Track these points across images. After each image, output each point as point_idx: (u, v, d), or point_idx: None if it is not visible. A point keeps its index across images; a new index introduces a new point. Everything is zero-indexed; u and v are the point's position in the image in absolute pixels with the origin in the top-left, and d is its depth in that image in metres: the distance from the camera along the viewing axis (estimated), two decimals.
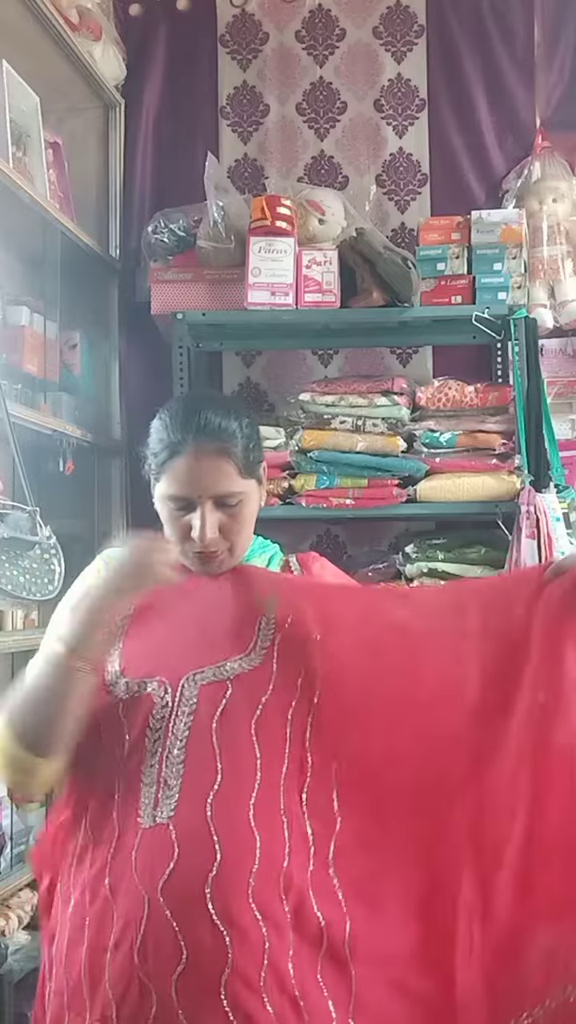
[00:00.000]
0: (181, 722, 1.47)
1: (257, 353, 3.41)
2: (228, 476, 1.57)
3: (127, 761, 1.47)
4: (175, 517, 1.59)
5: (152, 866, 1.40)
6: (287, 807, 1.45)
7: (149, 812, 1.43)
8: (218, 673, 1.51)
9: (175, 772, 1.45)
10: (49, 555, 2.41)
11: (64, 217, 3.00)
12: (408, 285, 2.91)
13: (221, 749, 1.45)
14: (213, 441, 1.57)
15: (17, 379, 2.74)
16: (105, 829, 1.47)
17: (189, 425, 1.57)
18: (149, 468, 1.64)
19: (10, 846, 2.51)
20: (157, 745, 1.47)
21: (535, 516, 2.75)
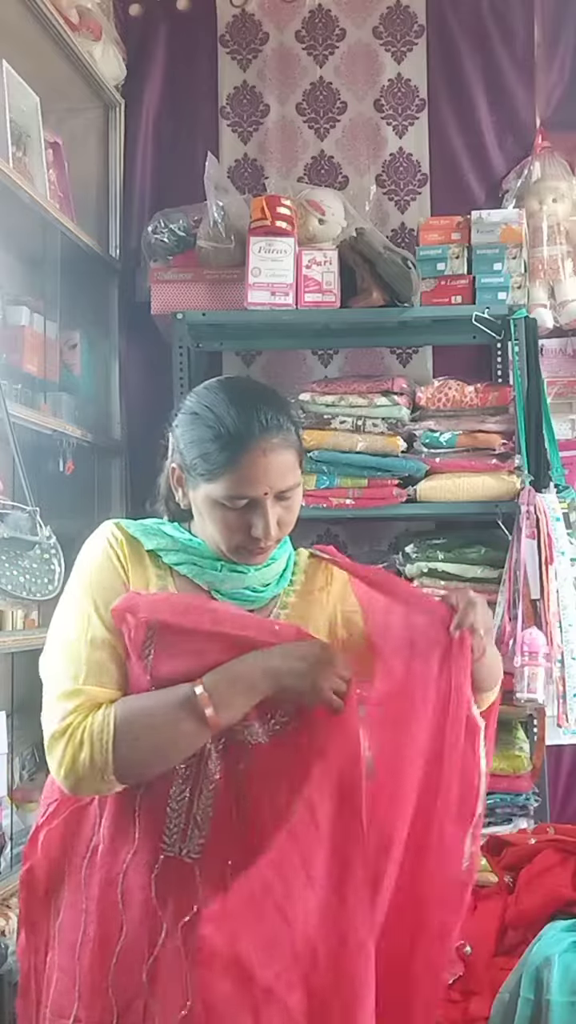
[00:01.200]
0: (212, 763, 1.44)
1: (257, 353, 3.41)
2: (292, 469, 1.50)
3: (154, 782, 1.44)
4: (232, 518, 1.48)
5: (173, 898, 1.42)
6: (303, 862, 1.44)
7: (176, 842, 1.43)
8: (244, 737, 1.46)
9: (204, 814, 1.44)
10: (49, 555, 2.41)
11: (64, 217, 3.00)
12: (408, 285, 2.91)
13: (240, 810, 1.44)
14: (277, 435, 1.47)
15: (17, 379, 2.74)
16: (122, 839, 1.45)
17: (251, 420, 1.47)
18: (186, 470, 1.52)
19: (10, 846, 2.50)
20: (189, 772, 1.44)
21: (535, 516, 2.75)
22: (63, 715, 1.42)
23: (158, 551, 1.54)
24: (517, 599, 2.73)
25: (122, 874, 1.44)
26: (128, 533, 1.56)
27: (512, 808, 2.84)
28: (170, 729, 1.41)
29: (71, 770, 1.40)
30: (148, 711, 1.42)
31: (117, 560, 1.52)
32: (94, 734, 1.39)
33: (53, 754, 1.42)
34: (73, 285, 3.08)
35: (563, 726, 2.74)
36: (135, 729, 1.40)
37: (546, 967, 1.96)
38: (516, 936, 2.26)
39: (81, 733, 1.40)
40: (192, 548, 1.55)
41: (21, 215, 2.78)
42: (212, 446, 1.47)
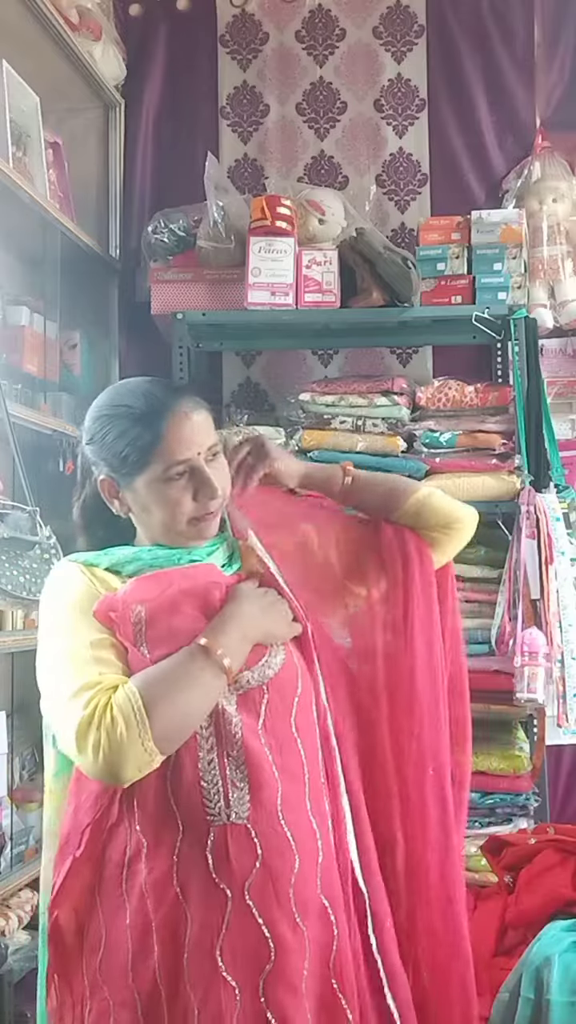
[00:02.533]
0: (233, 724, 1.46)
1: (257, 353, 3.41)
2: (212, 428, 1.58)
3: (179, 757, 1.44)
4: (176, 493, 1.53)
5: (234, 865, 1.42)
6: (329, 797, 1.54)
7: (221, 810, 1.43)
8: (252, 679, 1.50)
9: (241, 773, 1.45)
10: (49, 555, 2.41)
11: (64, 217, 3.00)
12: (408, 285, 2.91)
13: (272, 752, 1.48)
14: (188, 399, 1.57)
15: (17, 379, 2.74)
16: (165, 829, 1.44)
17: (161, 395, 1.56)
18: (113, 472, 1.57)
19: (10, 846, 2.51)
20: (211, 742, 1.46)
21: (535, 516, 2.75)
22: (84, 704, 1.39)
23: (113, 566, 1.57)
24: (517, 599, 2.73)
25: (175, 865, 1.43)
26: (82, 562, 1.59)
27: (512, 808, 2.84)
28: (192, 683, 1.43)
29: (112, 749, 1.37)
30: (165, 674, 1.43)
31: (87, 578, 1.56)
32: (123, 706, 1.38)
33: (86, 744, 1.38)
34: (73, 285, 3.09)
35: (563, 726, 2.74)
36: (160, 691, 1.41)
37: (546, 967, 1.96)
38: (516, 936, 2.26)
39: (110, 711, 1.38)
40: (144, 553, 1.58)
41: (21, 215, 2.78)
42: (135, 430, 1.53)
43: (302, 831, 1.47)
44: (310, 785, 1.51)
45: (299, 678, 1.55)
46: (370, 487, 1.77)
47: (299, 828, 1.47)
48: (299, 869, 1.45)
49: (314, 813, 1.50)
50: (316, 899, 1.47)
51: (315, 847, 1.49)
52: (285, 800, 1.46)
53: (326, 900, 1.48)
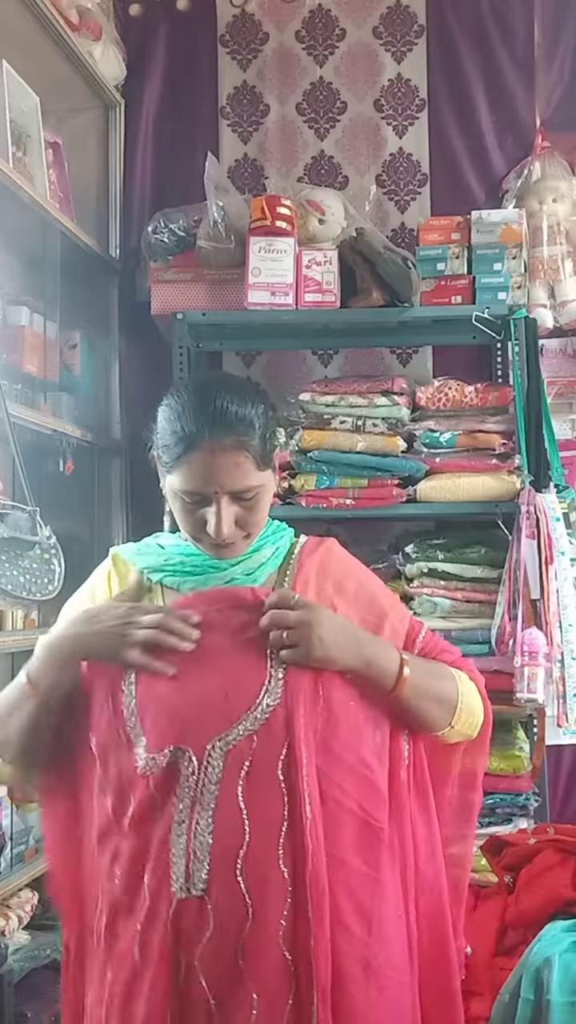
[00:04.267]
0: (208, 791, 1.43)
1: (257, 353, 3.41)
2: (245, 471, 1.48)
3: (159, 831, 1.44)
4: (189, 510, 1.51)
5: (189, 936, 1.41)
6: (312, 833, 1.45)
7: (182, 884, 1.42)
8: (244, 729, 1.45)
9: (203, 844, 1.42)
10: (49, 555, 2.42)
11: (64, 217, 3.00)
12: (408, 285, 2.91)
13: (248, 808, 1.43)
14: (230, 434, 1.47)
15: (17, 379, 2.74)
16: (136, 899, 1.44)
17: (204, 416, 1.47)
18: (158, 459, 1.55)
19: (10, 846, 2.51)
20: (184, 815, 1.43)
21: (535, 516, 2.75)
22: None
23: (145, 570, 1.59)
24: (517, 599, 2.73)
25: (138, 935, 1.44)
26: (121, 559, 1.63)
27: (512, 808, 2.84)
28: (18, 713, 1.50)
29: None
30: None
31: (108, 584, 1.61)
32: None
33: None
34: (73, 285, 3.09)
35: (563, 726, 2.74)
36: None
37: (546, 967, 1.96)
38: (516, 936, 2.26)
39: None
40: (179, 555, 1.58)
41: (21, 215, 2.78)
42: (170, 439, 1.50)
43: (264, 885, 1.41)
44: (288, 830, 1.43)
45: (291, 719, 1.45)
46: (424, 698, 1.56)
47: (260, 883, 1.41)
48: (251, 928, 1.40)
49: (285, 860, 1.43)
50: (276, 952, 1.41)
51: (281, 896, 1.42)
52: (250, 857, 1.41)
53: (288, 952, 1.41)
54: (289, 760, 1.44)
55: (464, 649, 2.85)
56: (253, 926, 1.40)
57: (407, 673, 1.51)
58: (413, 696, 1.52)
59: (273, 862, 1.42)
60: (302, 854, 1.42)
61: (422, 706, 1.54)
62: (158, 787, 1.44)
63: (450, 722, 1.57)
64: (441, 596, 2.90)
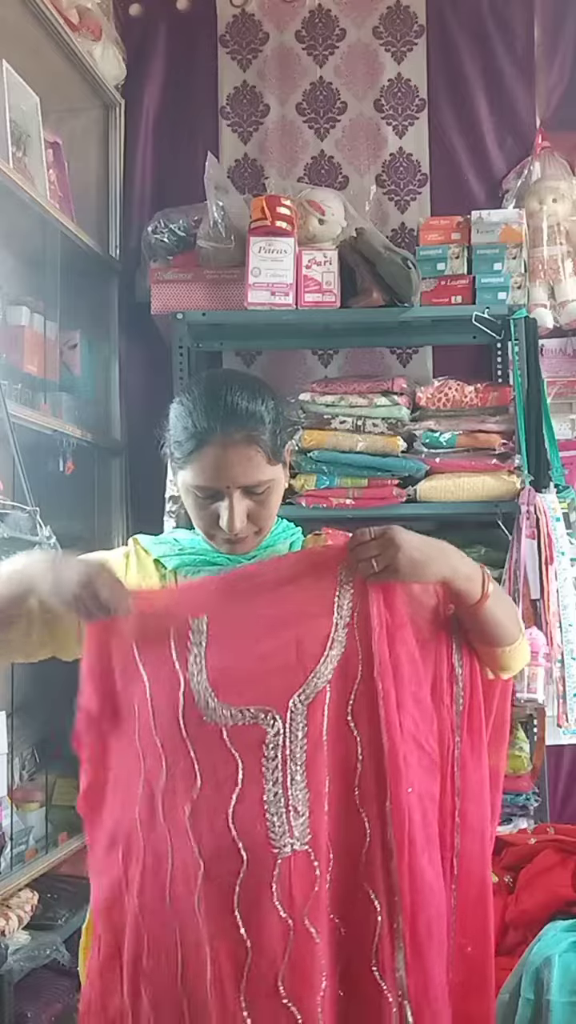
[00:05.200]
0: (297, 747, 1.47)
1: (257, 353, 3.41)
2: (257, 466, 1.52)
3: (244, 791, 1.45)
4: (202, 505, 1.54)
5: (296, 893, 1.43)
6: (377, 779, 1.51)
7: (286, 841, 1.44)
8: (317, 684, 1.49)
9: (302, 798, 1.46)
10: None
11: (64, 217, 3.00)
12: (408, 285, 2.91)
13: (331, 756, 1.49)
14: (241, 429, 1.50)
15: (17, 379, 2.73)
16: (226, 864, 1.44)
17: (215, 413, 1.50)
18: (170, 455, 1.58)
19: (10, 846, 2.51)
20: (276, 772, 1.46)
21: (535, 516, 2.75)
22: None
23: (161, 558, 1.62)
24: (517, 599, 2.72)
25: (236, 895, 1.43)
26: (141, 546, 1.66)
27: (512, 808, 2.84)
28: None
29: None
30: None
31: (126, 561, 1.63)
32: None
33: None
34: (73, 285, 3.08)
35: (563, 726, 2.74)
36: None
37: (546, 967, 1.97)
38: (516, 936, 2.26)
39: None
40: (193, 547, 1.62)
41: (21, 215, 2.78)
42: (182, 435, 1.53)
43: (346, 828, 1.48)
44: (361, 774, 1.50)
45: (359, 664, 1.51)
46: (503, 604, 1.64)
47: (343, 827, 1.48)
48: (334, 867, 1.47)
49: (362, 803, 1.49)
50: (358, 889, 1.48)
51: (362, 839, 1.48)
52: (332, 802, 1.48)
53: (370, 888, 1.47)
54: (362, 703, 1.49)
55: None
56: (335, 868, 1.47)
57: (490, 578, 1.58)
58: (496, 602, 1.58)
59: (353, 807, 1.48)
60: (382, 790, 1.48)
61: (501, 614, 1.60)
62: (238, 747, 1.46)
63: (519, 632, 1.64)
64: None
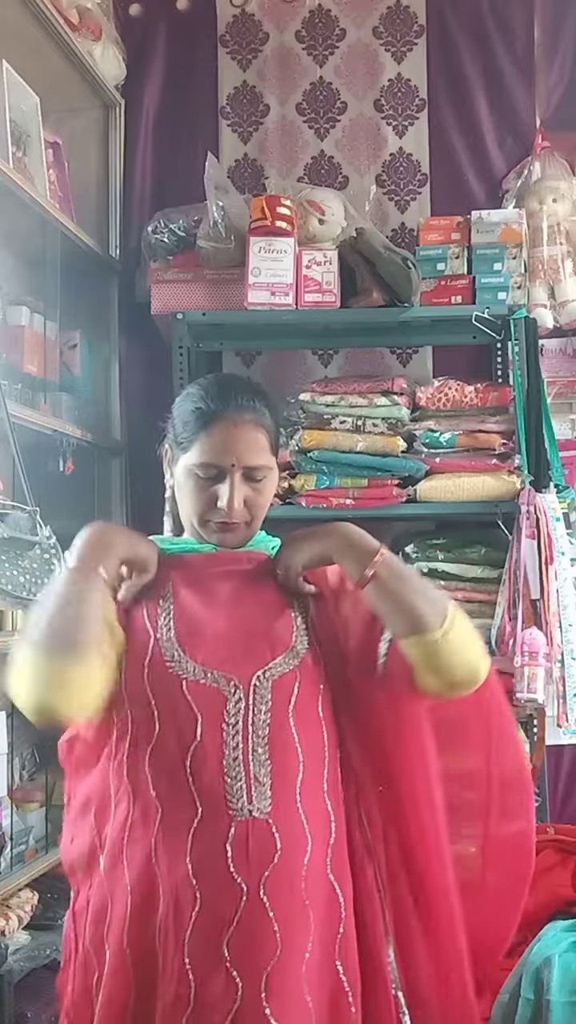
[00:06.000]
0: (260, 719, 1.50)
1: (257, 353, 3.41)
2: (262, 448, 1.60)
3: (202, 750, 1.48)
4: (201, 487, 1.58)
5: (253, 860, 1.45)
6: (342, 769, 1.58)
7: (243, 806, 1.46)
8: (286, 664, 1.54)
9: (264, 769, 1.48)
10: (49, 555, 2.41)
11: (64, 217, 3.00)
12: (408, 285, 2.91)
13: (300, 738, 1.52)
14: (250, 412, 1.59)
15: (17, 379, 2.73)
16: (182, 812, 1.47)
17: (227, 396, 1.60)
18: (172, 443, 1.64)
19: (10, 846, 2.51)
20: (237, 739, 1.49)
21: (535, 516, 2.75)
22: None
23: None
24: (517, 599, 2.73)
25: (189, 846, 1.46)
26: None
27: None
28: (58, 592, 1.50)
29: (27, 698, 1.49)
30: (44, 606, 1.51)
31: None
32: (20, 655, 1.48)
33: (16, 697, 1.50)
34: (73, 285, 3.08)
35: (563, 726, 2.74)
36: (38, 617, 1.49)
37: (546, 967, 1.97)
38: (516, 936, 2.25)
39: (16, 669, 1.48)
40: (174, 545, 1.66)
41: (21, 215, 2.78)
42: (191, 416, 1.60)
43: (318, 814, 1.51)
44: (329, 766, 1.54)
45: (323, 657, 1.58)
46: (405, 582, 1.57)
47: (314, 813, 1.51)
48: (311, 854, 1.48)
49: (330, 794, 1.53)
50: (326, 881, 1.50)
51: (326, 826, 1.52)
52: (305, 786, 1.50)
53: (335, 880, 1.51)
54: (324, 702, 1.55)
55: None
56: (312, 856, 1.48)
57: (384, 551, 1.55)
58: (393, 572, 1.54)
59: (320, 795, 1.52)
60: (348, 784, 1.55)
61: (405, 593, 1.53)
62: (198, 702, 1.49)
63: (441, 624, 1.51)
64: None
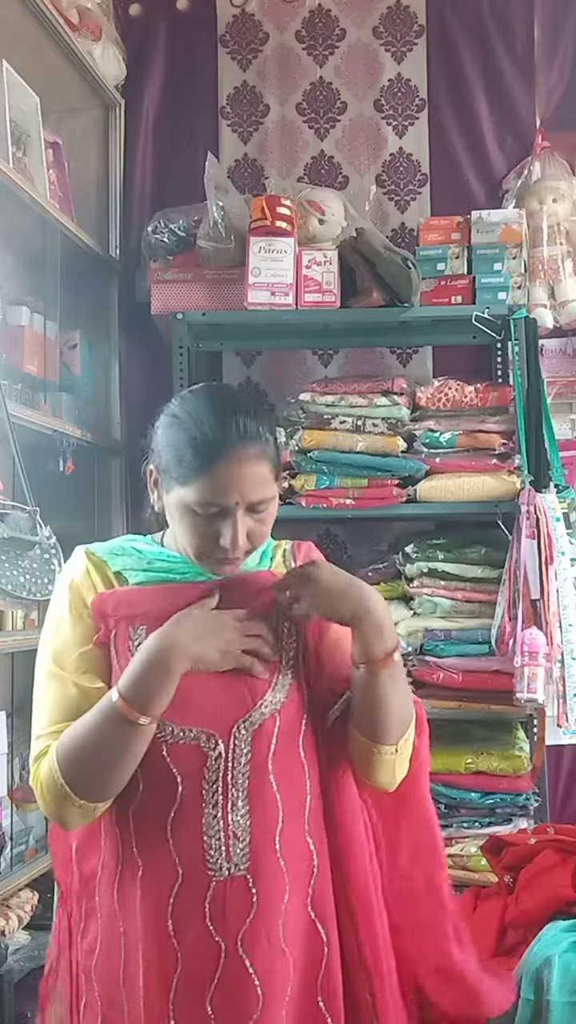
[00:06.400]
0: (239, 772, 1.46)
1: (257, 353, 3.41)
2: (265, 481, 1.47)
3: (182, 812, 1.45)
4: (201, 524, 1.46)
5: (230, 917, 1.43)
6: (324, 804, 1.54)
7: (222, 864, 1.44)
8: (264, 711, 1.48)
9: (243, 824, 1.45)
10: (49, 555, 2.41)
11: (64, 217, 3.00)
12: (408, 285, 2.91)
13: (279, 786, 1.47)
14: (255, 443, 1.45)
15: (17, 379, 2.73)
16: (163, 873, 1.45)
17: (227, 425, 1.45)
18: (162, 472, 1.51)
19: (10, 846, 2.51)
20: (216, 796, 1.45)
21: (535, 516, 2.75)
22: (35, 757, 1.49)
23: (123, 572, 1.56)
24: (517, 599, 2.73)
25: (170, 905, 1.44)
26: (96, 558, 1.57)
27: (512, 808, 2.84)
28: (109, 743, 1.42)
29: (48, 811, 1.47)
30: (83, 737, 1.43)
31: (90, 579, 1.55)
32: (46, 782, 1.44)
33: (35, 793, 1.49)
34: (73, 285, 3.08)
35: (563, 726, 2.74)
36: (77, 757, 1.42)
37: (546, 967, 1.96)
38: (516, 936, 2.26)
39: (40, 784, 1.46)
40: (160, 562, 1.56)
41: (21, 215, 2.78)
42: (187, 450, 1.45)
43: (298, 858, 1.48)
44: (311, 806, 1.51)
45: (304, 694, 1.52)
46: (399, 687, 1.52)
47: (295, 856, 1.47)
48: (289, 899, 1.46)
49: (312, 833, 1.50)
50: (306, 921, 1.47)
51: (310, 868, 1.49)
52: (285, 832, 1.47)
53: (317, 919, 1.48)
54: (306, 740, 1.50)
55: (464, 649, 2.90)
56: (290, 901, 1.46)
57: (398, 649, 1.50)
58: (392, 679, 1.48)
59: (301, 837, 1.48)
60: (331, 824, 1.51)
61: (392, 700, 1.49)
62: (179, 766, 1.45)
63: (399, 741, 1.51)
64: (441, 596, 2.91)
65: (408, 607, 2.95)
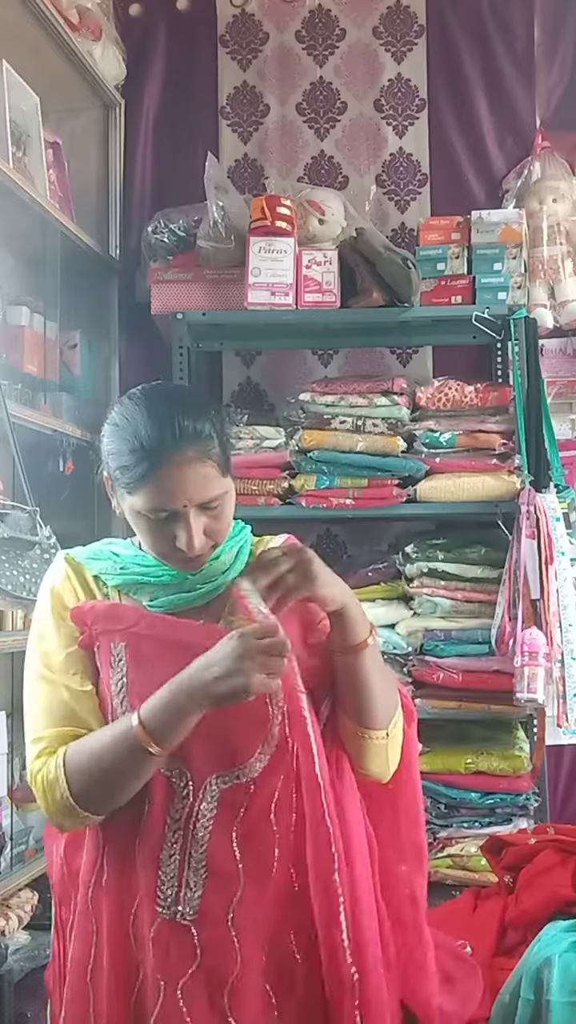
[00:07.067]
0: (202, 825, 1.44)
1: (257, 353, 3.41)
2: (211, 480, 1.45)
3: (148, 832, 1.46)
4: (156, 528, 1.46)
5: (172, 960, 1.42)
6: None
7: (170, 905, 1.43)
8: (242, 775, 1.46)
9: (197, 877, 1.43)
10: (49, 555, 2.41)
11: (64, 217, 3.00)
12: (408, 285, 2.91)
13: (242, 854, 1.45)
14: (193, 447, 1.43)
15: (17, 379, 2.73)
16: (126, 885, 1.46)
17: (163, 429, 1.42)
18: (112, 480, 1.50)
19: (10, 846, 2.51)
20: (177, 836, 1.44)
21: (535, 516, 2.75)
22: (33, 757, 1.49)
23: (101, 576, 1.56)
24: (517, 599, 2.73)
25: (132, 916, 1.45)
26: (75, 563, 1.58)
27: (512, 808, 2.84)
28: (119, 764, 1.42)
29: (47, 811, 1.48)
30: (95, 753, 1.43)
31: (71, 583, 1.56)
32: (48, 783, 1.45)
33: (35, 792, 1.49)
34: (73, 285, 3.08)
35: (563, 726, 2.74)
36: (86, 771, 1.43)
37: (546, 967, 1.96)
38: (516, 936, 2.26)
39: (41, 782, 1.46)
40: (135, 565, 1.55)
41: (21, 215, 2.78)
42: (129, 459, 1.44)
43: (256, 928, 1.44)
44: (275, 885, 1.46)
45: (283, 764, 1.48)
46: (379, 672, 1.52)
47: (252, 927, 1.43)
48: (241, 969, 1.42)
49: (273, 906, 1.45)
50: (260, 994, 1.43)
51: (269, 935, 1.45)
52: (242, 906, 1.43)
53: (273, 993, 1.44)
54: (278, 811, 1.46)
55: (464, 649, 2.91)
56: (241, 969, 1.42)
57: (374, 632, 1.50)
58: (372, 661, 1.48)
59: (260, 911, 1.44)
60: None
61: (375, 682, 1.49)
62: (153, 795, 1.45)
63: (388, 725, 1.51)
64: (441, 596, 2.91)
65: (408, 607, 2.95)
